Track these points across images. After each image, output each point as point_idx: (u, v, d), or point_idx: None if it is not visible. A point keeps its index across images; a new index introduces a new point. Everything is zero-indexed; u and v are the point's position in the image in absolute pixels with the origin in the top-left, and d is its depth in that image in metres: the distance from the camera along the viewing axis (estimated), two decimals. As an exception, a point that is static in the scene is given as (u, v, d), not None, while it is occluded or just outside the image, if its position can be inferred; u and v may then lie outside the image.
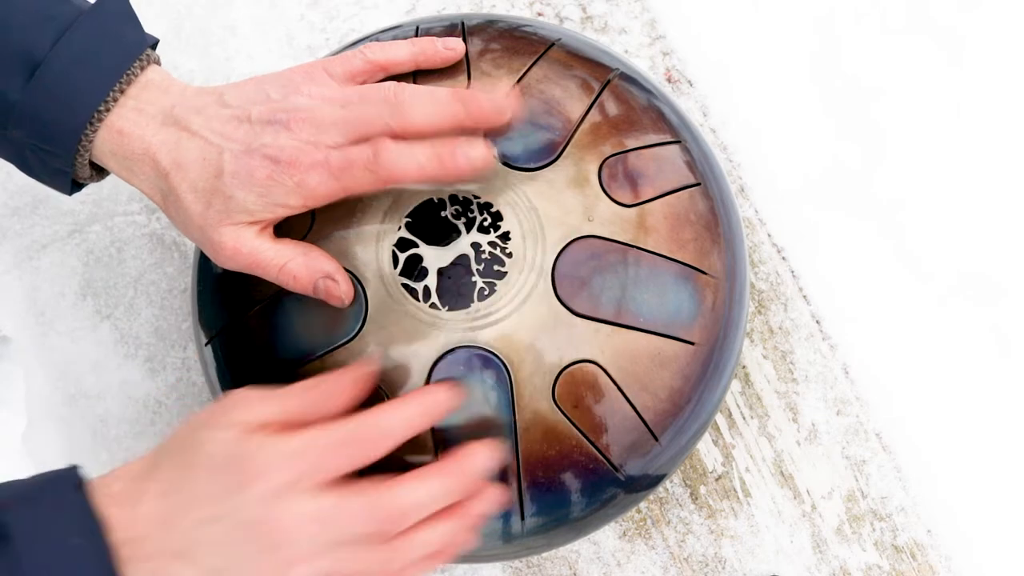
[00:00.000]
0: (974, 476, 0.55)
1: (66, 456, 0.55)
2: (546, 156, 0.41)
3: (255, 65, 0.61)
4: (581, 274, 0.39)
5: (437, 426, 0.38)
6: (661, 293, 0.40)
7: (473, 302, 0.39)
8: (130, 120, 0.40)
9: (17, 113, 0.39)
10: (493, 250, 0.42)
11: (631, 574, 0.52)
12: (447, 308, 0.40)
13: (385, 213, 0.41)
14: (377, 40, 0.46)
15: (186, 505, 0.33)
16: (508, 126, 0.41)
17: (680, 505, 0.53)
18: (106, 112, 0.39)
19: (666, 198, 0.42)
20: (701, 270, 0.41)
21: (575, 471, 0.39)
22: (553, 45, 0.45)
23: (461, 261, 0.42)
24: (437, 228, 0.45)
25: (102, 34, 0.40)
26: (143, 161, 0.40)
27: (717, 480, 0.54)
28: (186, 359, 0.56)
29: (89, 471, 0.35)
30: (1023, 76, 0.62)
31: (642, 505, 0.53)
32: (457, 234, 0.43)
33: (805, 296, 0.57)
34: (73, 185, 0.43)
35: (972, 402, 0.56)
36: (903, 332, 0.57)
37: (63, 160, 0.40)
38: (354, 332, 0.39)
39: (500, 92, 0.40)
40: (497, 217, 0.41)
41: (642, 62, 0.61)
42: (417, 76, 0.43)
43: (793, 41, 0.62)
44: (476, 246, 0.42)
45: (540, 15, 0.62)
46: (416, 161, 0.38)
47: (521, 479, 0.39)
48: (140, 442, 0.55)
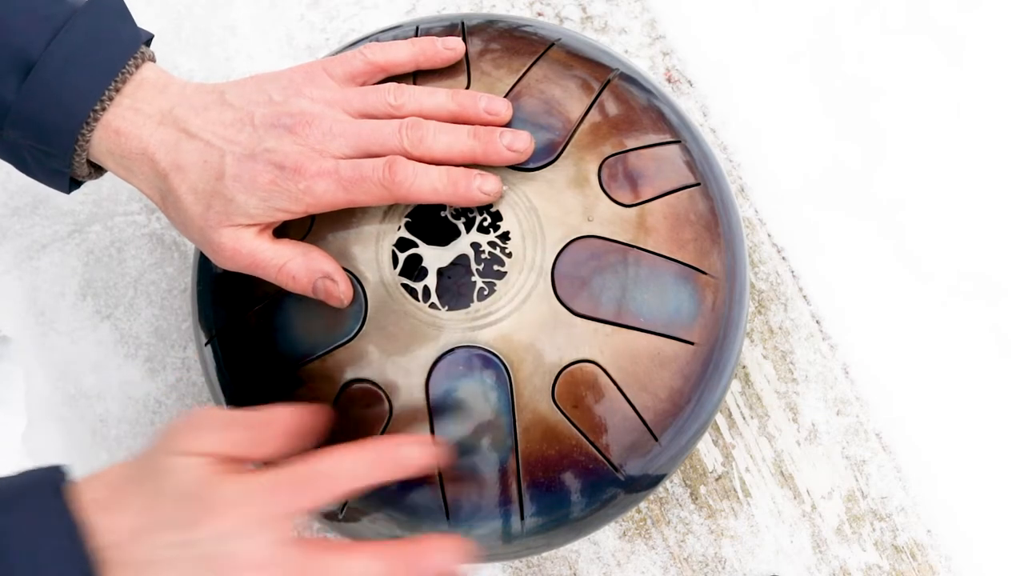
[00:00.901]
0: (974, 476, 0.55)
1: (66, 456, 0.55)
2: (546, 156, 0.41)
3: (255, 65, 0.61)
4: (581, 274, 0.39)
5: (437, 427, 0.38)
6: (661, 293, 0.40)
7: (473, 302, 0.39)
8: (127, 119, 0.40)
9: (13, 114, 0.39)
10: (493, 250, 0.42)
11: (631, 574, 0.52)
12: (447, 308, 0.40)
13: (385, 213, 0.41)
14: (377, 40, 0.46)
15: (155, 527, 0.33)
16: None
17: (680, 505, 0.53)
18: (102, 111, 0.39)
19: (666, 198, 0.42)
20: (701, 270, 0.41)
21: (575, 471, 0.39)
22: (553, 45, 0.45)
23: (461, 261, 0.42)
24: (437, 228, 0.45)
25: (96, 32, 0.40)
26: (141, 161, 0.40)
27: (717, 480, 0.54)
28: (186, 359, 0.56)
29: (89, 471, 0.35)
30: (1023, 76, 0.62)
31: (642, 505, 0.53)
32: (457, 234, 0.43)
33: (805, 296, 0.57)
34: (71, 184, 0.43)
35: (972, 402, 0.56)
36: (903, 332, 0.57)
37: (60, 160, 0.40)
38: (354, 332, 0.39)
39: (523, 138, 0.40)
40: (497, 217, 0.41)
41: (642, 62, 0.61)
42: (417, 76, 0.43)
43: (793, 41, 0.62)
44: (476, 246, 0.42)
45: (540, 15, 0.62)
46: (432, 185, 0.38)
47: (521, 479, 0.39)
48: (140, 442, 0.55)
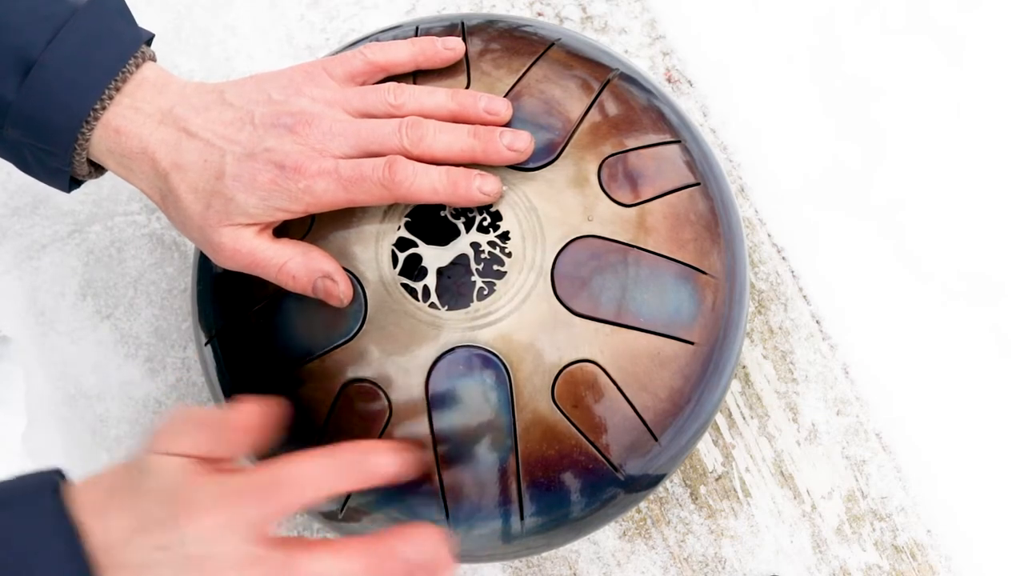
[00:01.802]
0: (974, 476, 0.55)
1: (66, 456, 0.55)
2: (546, 156, 0.41)
3: (255, 65, 0.61)
4: (581, 274, 0.39)
5: (436, 426, 0.38)
6: (661, 293, 0.40)
7: (472, 302, 0.39)
8: (127, 118, 0.40)
9: (13, 113, 0.39)
10: (492, 250, 0.42)
11: (631, 574, 0.52)
12: (446, 308, 0.40)
13: (384, 213, 0.41)
14: (377, 40, 0.46)
15: (142, 528, 0.33)
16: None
17: (680, 505, 0.53)
18: (102, 110, 0.39)
19: (666, 198, 0.42)
20: (701, 270, 0.41)
21: (575, 471, 0.39)
22: (553, 45, 0.45)
23: (460, 261, 0.42)
24: (436, 228, 0.45)
25: (96, 32, 0.40)
26: (141, 160, 0.40)
27: (717, 480, 0.54)
28: (186, 359, 0.56)
29: (89, 471, 0.35)
30: (1023, 76, 0.62)
31: (642, 505, 0.53)
32: (456, 234, 0.43)
33: (805, 296, 0.57)
34: (72, 183, 0.43)
35: (972, 402, 0.56)
36: (903, 332, 0.57)
37: (60, 159, 0.40)
38: (353, 332, 0.39)
39: (523, 138, 0.40)
40: (496, 217, 0.41)
41: (642, 62, 0.61)
42: (417, 76, 0.43)
43: (793, 41, 0.62)
44: (475, 246, 0.42)
45: (540, 15, 0.62)
46: (432, 185, 0.39)
47: (521, 479, 0.39)
48: (140, 442, 0.55)
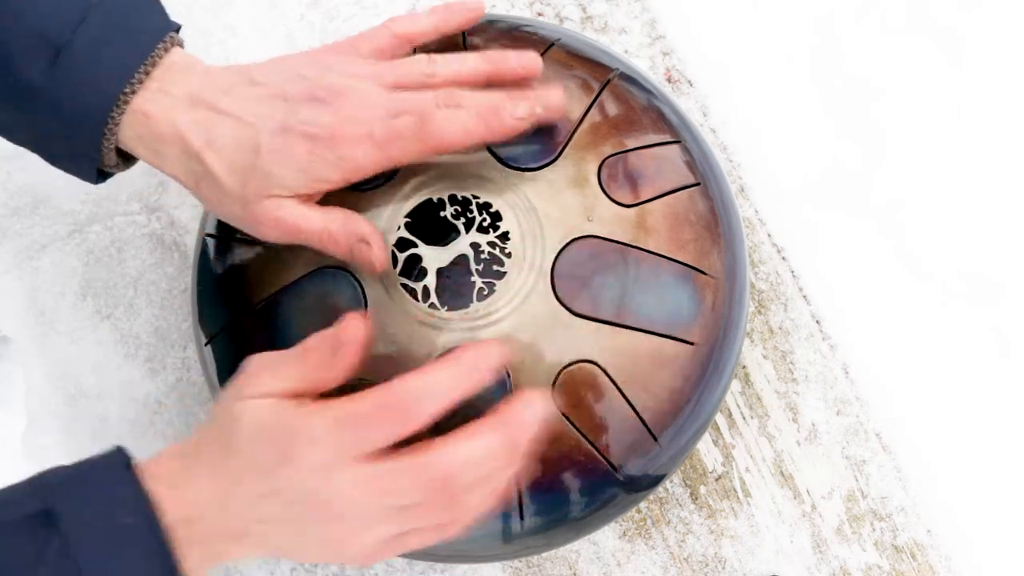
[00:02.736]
0: (974, 476, 0.55)
1: (66, 456, 0.54)
2: (546, 156, 0.41)
3: (255, 65, 0.61)
4: (581, 274, 0.39)
5: (437, 427, 0.38)
6: (661, 293, 0.40)
7: (472, 302, 0.39)
8: (156, 102, 0.39)
9: (42, 98, 0.38)
10: (492, 250, 0.42)
11: (631, 574, 0.52)
12: (446, 308, 0.40)
13: (385, 213, 0.41)
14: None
15: (236, 482, 0.33)
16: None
17: (680, 505, 0.53)
18: (132, 95, 0.39)
19: (666, 198, 0.42)
20: (701, 270, 0.41)
21: (575, 471, 0.39)
22: (553, 45, 0.45)
23: (460, 261, 0.42)
24: (436, 228, 0.45)
25: (125, 16, 0.39)
26: (172, 143, 0.39)
27: (717, 480, 0.54)
28: (186, 359, 0.56)
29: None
30: (1023, 76, 0.62)
31: (642, 505, 0.53)
32: (456, 234, 0.43)
33: (805, 296, 0.57)
34: (99, 175, 0.42)
35: (972, 402, 0.56)
36: (903, 332, 0.57)
37: (89, 145, 0.40)
38: (354, 332, 0.39)
39: (557, 93, 0.40)
40: (496, 217, 0.40)
41: (642, 62, 0.61)
42: None
43: (793, 41, 0.62)
44: (475, 246, 0.42)
45: (540, 15, 0.62)
46: (463, 126, 0.38)
47: (521, 479, 0.39)
48: (140, 442, 0.55)
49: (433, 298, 0.40)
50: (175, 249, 0.57)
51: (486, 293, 0.40)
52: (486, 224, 0.42)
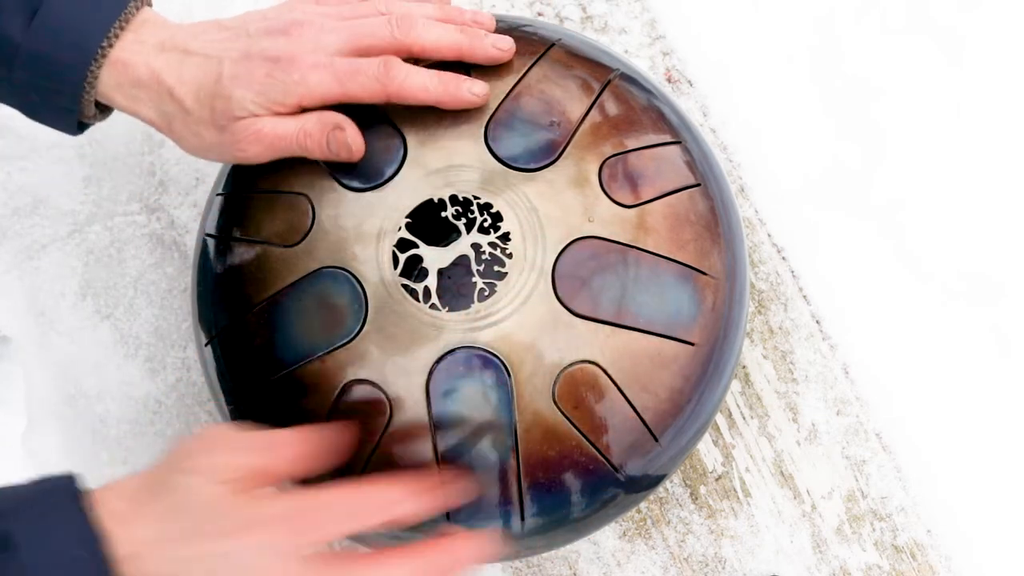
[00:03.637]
0: (974, 476, 0.55)
1: (66, 456, 0.55)
2: (546, 156, 0.41)
3: (255, 65, 0.61)
4: (581, 275, 0.39)
5: (437, 427, 0.38)
6: (661, 294, 0.40)
7: (473, 303, 0.39)
8: (132, 51, 0.41)
9: (22, 55, 0.40)
10: (493, 251, 0.42)
11: (631, 574, 0.52)
12: (447, 309, 0.39)
13: (385, 213, 0.41)
14: None
15: (180, 538, 0.33)
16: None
17: (680, 505, 0.53)
18: (109, 48, 0.41)
19: (666, 199, 0.42)
20: (701, 270, 0.41)
21: (575, 472, 0.39)
22: (553, 45, 0.45)
23: (461, 262, 0.42)
24: (437, 229, 0.45)
25: None
26: (148, 85, 0.41)
27: (717, 480, 0.54)
28: (186, 359, 0.56)
29: (89, 471, 0.35)
30: (1023, 76, 0.62)
31: (642, 505, 0.53)
32: (457, 235, 0.43)
33: (805, 296, 0.57)
34: (79, 126, 0.44)
35: (972, 402, 0.56)
36: (903, 332, 0.57)
37: (69, 98, 0.42)
38: (354, 333, 0.39)
39: (507, 40, 0.42)
40: (497, 218, 0.40)
41: (642, 62, 0.61)
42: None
43: (793, 41, 0.62)
44: (476, 247, 0.42)
45: (540, 15, 0.62)
46: (424, 83, 0.40)
47: (521, 480, 0.39)
48: (140, 442, 0.55)
49: (434, 298, 0.40)
50: (175, 249, 0.57)
51: (487, 294, 0.40)
52: (487, 224, 0.42)
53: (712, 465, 0.54)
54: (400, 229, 0.41)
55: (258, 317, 0.41)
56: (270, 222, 0.42)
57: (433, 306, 0.40)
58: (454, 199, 0.42)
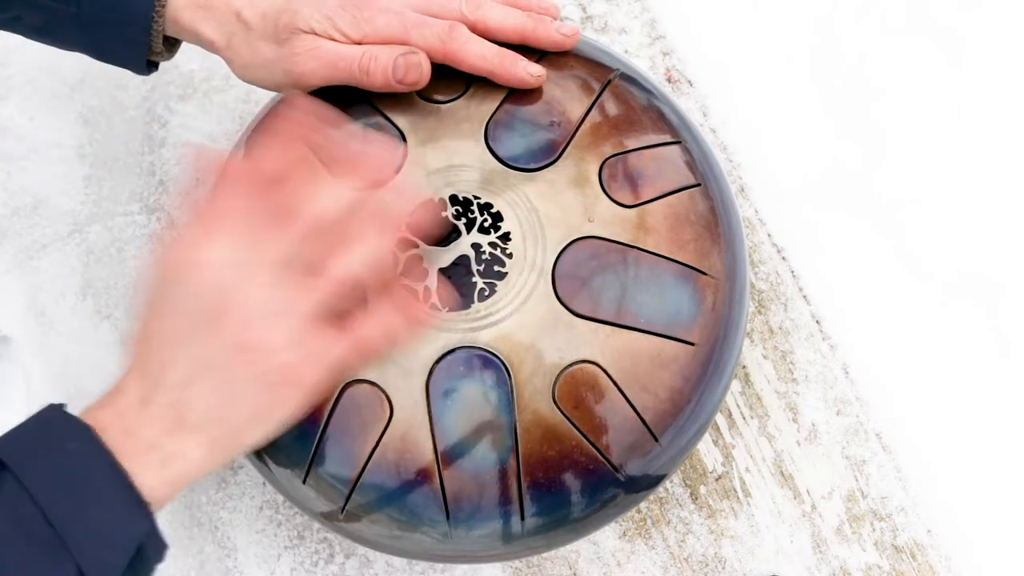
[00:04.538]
0: (974, 476, 0.55)
1: (66, 456, 0.54)
2: (546, 156, 0.41)
3: (255, 65, 0.60)
4: (581, 275, 0.39)
5: (437, 427, 0.38)
6: (661, 294, 0.40)
7: (473, 303, 0.39)
8: None
9: None
10: (493, 251, 0.42)
11: (631, 574, 0.52)
12: (447, 308, 0.40)
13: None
14: None
15: (158, 349, 0.34)
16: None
17: (680, 505, 0.53)
18: None
19: (666, 199, 0.42)
20: (701, 270, 0.41)
21: (575, 472, 0.39)
22: (553, 45, 0.45)
23: (461, 261, 0.42)
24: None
25: None
26: (216, 7, 0.42)
27: (717, 480, 0.54)
28: (186, 359, 0.56)
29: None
30: (1023, 76, 0.62)
31: (642, 505, 0.53)
32: (457, 235, 0.43)
33: (805, 296, 0.57)
34: (148, 65, 0.45)
35: (972, 402, 0.56)
36: (903, 332, 0.57)
37: (140, 30, 0.42)
38: (354, 332, 0.39)
39: (572, 27, 0.44)
40: (497, 218, 0.41)
41: (642, 62, 0.61)
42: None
43: (793, 41, 0.62)
44: (476, 247, 0.42)
45: (540, 15, 0.62)
46: (482, 52, 0.42)
47: (521, 479, 0.39)
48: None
49: (434, 298, 0.40)
50: (175, 249, 0.57)
51: (487, 293, 0.40)
52: (487, 224, 0.42)
53: (712, 465, 0.54)
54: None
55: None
56: (270, 222, 0.42)
57: (433, 306, 0.40)
58: (454, 199, 0.42)
